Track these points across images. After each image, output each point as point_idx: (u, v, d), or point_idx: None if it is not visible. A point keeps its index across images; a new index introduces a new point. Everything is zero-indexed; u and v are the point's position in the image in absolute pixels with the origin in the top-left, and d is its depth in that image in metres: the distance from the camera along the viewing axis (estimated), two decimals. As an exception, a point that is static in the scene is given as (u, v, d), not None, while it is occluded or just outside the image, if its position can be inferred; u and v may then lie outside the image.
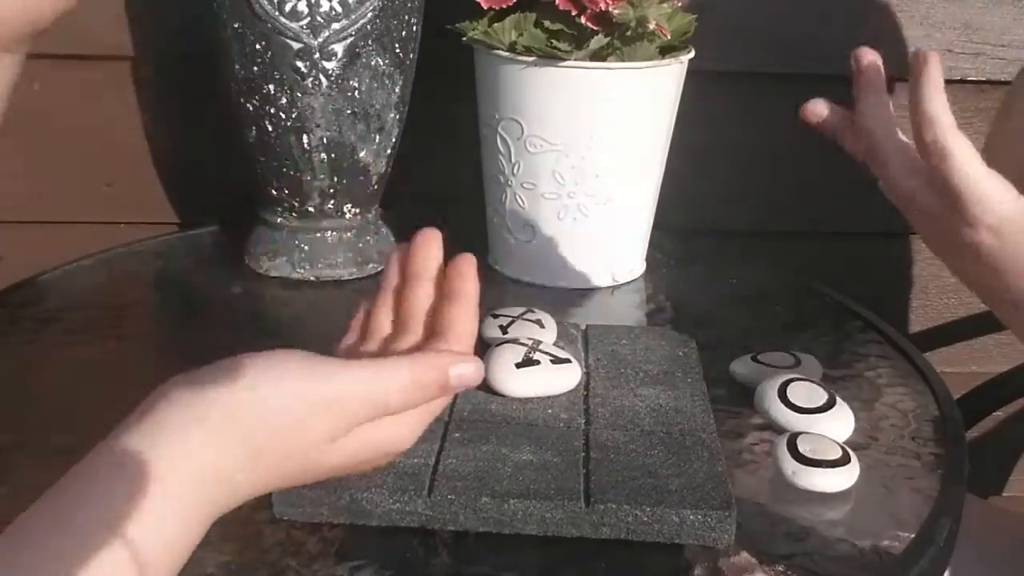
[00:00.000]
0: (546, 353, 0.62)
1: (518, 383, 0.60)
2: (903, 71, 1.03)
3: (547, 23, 0.77)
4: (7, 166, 1.01)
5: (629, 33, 0.77)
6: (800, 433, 0.58)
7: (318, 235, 0.85)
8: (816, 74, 1.03)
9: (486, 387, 0.61)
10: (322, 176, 0.82)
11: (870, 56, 0.59)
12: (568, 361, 0.62)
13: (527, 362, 0.61)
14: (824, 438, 0.58)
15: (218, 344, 0.68)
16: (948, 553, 0.55)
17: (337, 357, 0.44)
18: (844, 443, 0.59)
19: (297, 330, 0.77)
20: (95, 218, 1.04)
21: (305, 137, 0.80)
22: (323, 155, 0.81)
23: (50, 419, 0.62)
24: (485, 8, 0.77)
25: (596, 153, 0.79)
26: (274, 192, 0.84)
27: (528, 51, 0.77)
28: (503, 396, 0.61)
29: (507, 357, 0.61)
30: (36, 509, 0.37)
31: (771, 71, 1.03)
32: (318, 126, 0.80)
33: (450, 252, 0.93)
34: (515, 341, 0.63)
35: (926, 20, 1.01)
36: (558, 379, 0.62)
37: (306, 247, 0.85)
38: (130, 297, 0.82)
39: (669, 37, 0.78)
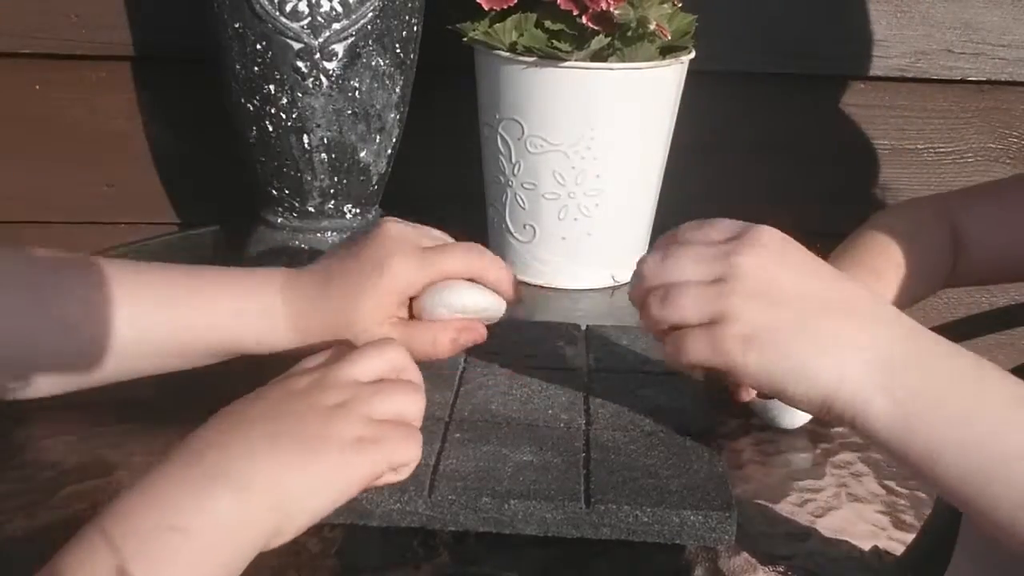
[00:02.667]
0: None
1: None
2: (903, 71, 1.04)
3: (548, 23, 0.77)
4: (7, 166, 1.01)
5: (629, 33, 0.77)
6: None
7: (318, 235, 0.85)
8: (816, 74, 1.03)
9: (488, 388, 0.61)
10: (322, 176, 0.82)
11: None
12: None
13: None
14: None
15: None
16: (948, 553, 0.55)
17: None
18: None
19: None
20: (95, 218, 1.04)
21: (305, 137, 0.80)
22: (323, 155, 0.81)
23: (50, 416, 0.63)
24: (486, 8, 0.77)
25: (596, 153, 0.79)
26: (274, 192, 0.84)
27: (529, 51, 0.77)
28: (504, 395, 0.61)
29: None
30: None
31: (771, 71, 1.03)
32: (318, 126, 0.80)
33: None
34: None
35: (926, 20, 1.01)
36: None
37: (306, 247, 0.85)
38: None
39: (669, 37, 0.78)
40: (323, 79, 0.78)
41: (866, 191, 1.11)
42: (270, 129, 0.80)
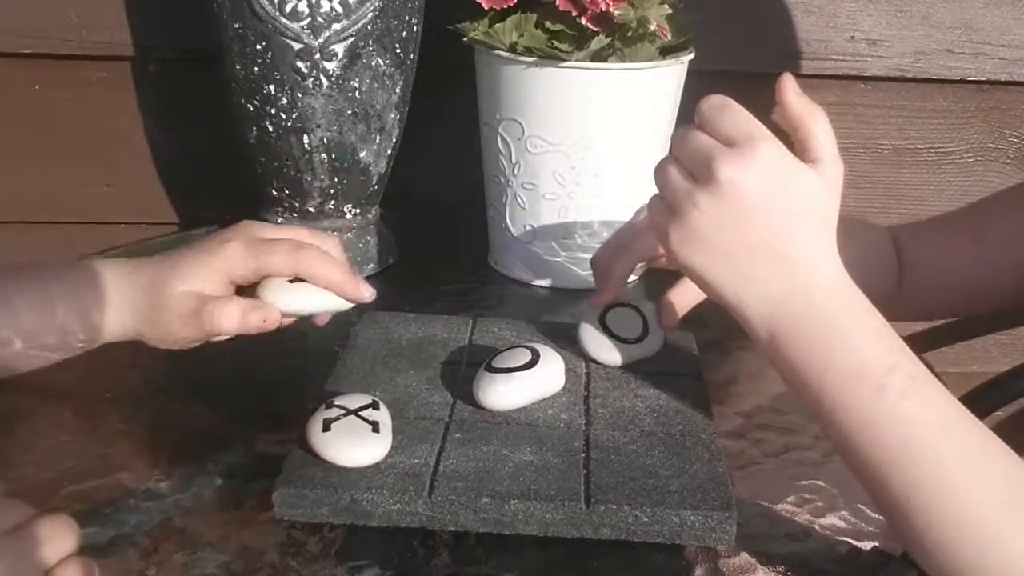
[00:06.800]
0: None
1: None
2: (903, 71, 1.04)
3: (548, 24, 0.77)
4: (7, 166, 1.01)
5: (630, 34, 0.77)
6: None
7: (318, 235, 0.85)
8: (816, 74, 1.03)
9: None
10: (322, 176, 0.82)
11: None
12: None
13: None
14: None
15: (217, 343, 0.68)
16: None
17: None
18: None
19: (297, 330, 0.77)
20: (95, 218, 1.04)
21: (306, 137, 0.80)
22: (323, 155, 0.81)
23: (51, 416, 0.63)
24: (486, 8, 0.77)
25: (596, 153, 0.79)
26: (274, 192, 0.84)
27: (529, 52, 0.77)
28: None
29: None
30: None
31: (771, 71, 1.03)
32: (318, 126, 0.80)
33: (450, 252, 0.94)
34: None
35: (926, 20, 1.01)
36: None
37: (306, 247, 0.85)
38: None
39: (669, 37, 0.78)
40: (323, 79, 0.78)
41: (863, 191, 1.11)
42: (270, 129, 0.80)
